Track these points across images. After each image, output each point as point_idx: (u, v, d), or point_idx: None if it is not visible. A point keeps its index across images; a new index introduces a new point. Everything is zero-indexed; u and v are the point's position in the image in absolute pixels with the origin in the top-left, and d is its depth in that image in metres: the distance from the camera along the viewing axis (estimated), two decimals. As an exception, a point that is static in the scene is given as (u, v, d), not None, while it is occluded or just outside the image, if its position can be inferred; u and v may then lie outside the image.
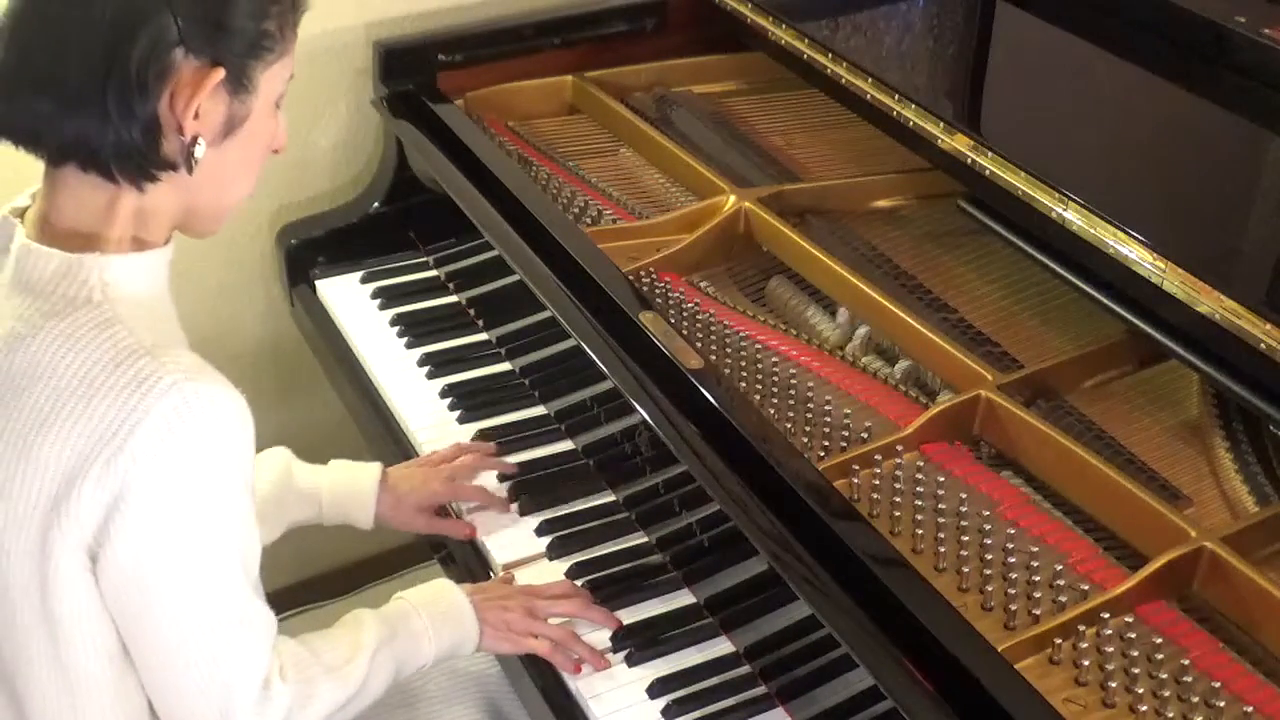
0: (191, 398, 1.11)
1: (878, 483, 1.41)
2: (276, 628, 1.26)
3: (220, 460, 1.15)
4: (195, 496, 1.14)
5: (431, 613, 1.41)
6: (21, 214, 1.21)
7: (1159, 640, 1.26)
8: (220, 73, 1.13)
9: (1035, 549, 1.35)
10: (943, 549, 1.35)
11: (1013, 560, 1.34)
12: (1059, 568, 1.32)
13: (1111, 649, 1.25)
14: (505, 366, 1.85)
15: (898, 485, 1.42)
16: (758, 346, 1.62)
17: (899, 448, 1.44)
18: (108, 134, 1.12)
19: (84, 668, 1.20)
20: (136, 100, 1.11)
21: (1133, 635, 1.27)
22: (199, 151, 1.16)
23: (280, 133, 1.26)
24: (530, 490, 1.65)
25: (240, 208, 1.25)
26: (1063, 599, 1.30)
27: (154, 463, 1.11)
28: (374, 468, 1.62)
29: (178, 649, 1.19)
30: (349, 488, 1.60)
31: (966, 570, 1.34)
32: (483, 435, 1.73)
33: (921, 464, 1.45)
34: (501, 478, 1.67)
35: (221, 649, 1.20)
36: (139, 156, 1.14)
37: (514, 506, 1.64)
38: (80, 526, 1.13)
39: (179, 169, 1.16)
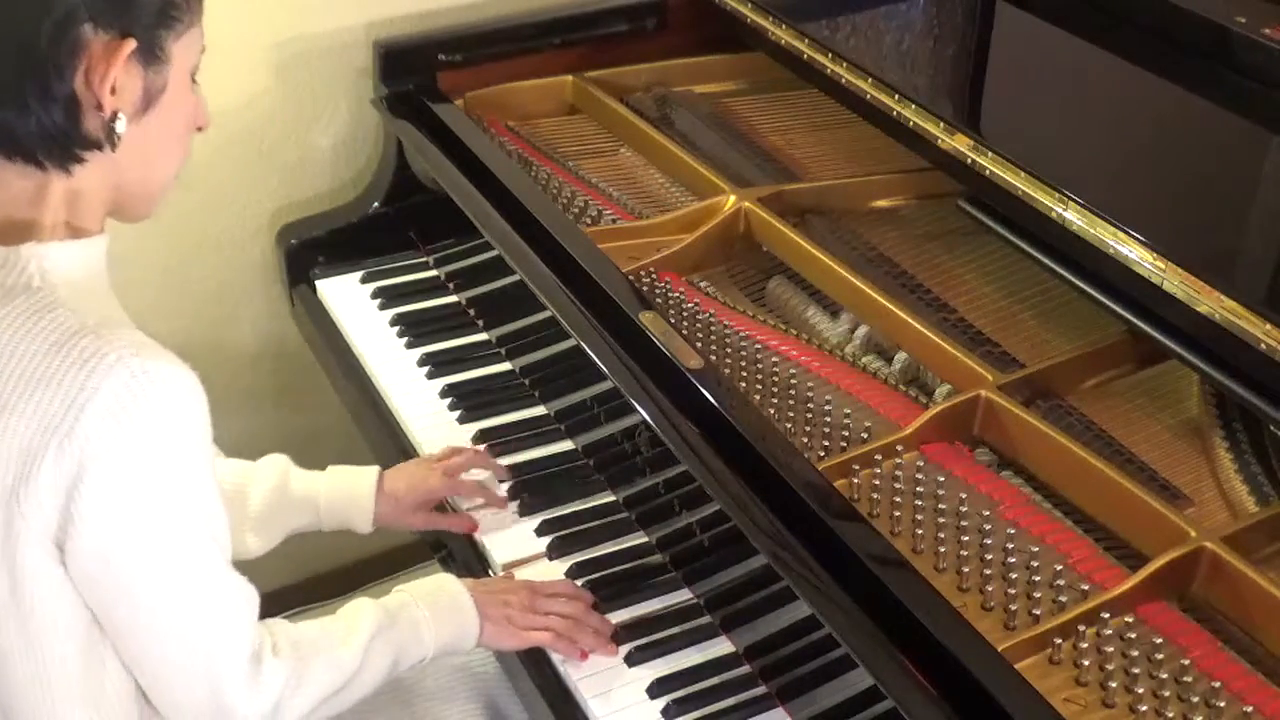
0: (139, 373, 1.10)
1: (878, 483, 1.41)
2: (257, 599, 1.24)
3: (175, 434, 1.13)
4: (154, 473, 1.13)
5: (432, 605, 1.40)
6: None
7: (1159, 640, 1.26)
8: (131, 43, 1.13)
9: (1035, 549, 1.35)
10: (943, 549, 1.35)
11: (1013, 560, 1.34)
12: (1059, 568, 1.32)
13: (1111, 649, 1.25)
14: (505, 366, 1.85)
15: (898, 485, 1.42)
16: (758, 346, 1.62)
17: (899, 448, 1.44)
18: (30, 120, 1.13)
19: (57, 656, 1.19)
20: (53, 81, 1.12)
21: (1133, 635, 1.27)
22: (120, 127, 1.16)
23: (201, 110, 1.26)
24: (530, 490, 1.65)
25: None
26: (1063, 599, 1.30)
27: (107, 441, 1.09)
28: (371, 472, 1.62)
29: (156, 629, 1.18)
30: (347, 494, 1.60)
31: (966, 570, 1.34)
32: (483, 435, 1.73)
33: (921, 464, 1.45)
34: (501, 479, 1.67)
35: (201, 624, 1.19)
36: (62, 138, 1.14)
37: (514, 506, 1.64)
38: (43, 515, 1.11)
39: (103, 148, 1.16)
